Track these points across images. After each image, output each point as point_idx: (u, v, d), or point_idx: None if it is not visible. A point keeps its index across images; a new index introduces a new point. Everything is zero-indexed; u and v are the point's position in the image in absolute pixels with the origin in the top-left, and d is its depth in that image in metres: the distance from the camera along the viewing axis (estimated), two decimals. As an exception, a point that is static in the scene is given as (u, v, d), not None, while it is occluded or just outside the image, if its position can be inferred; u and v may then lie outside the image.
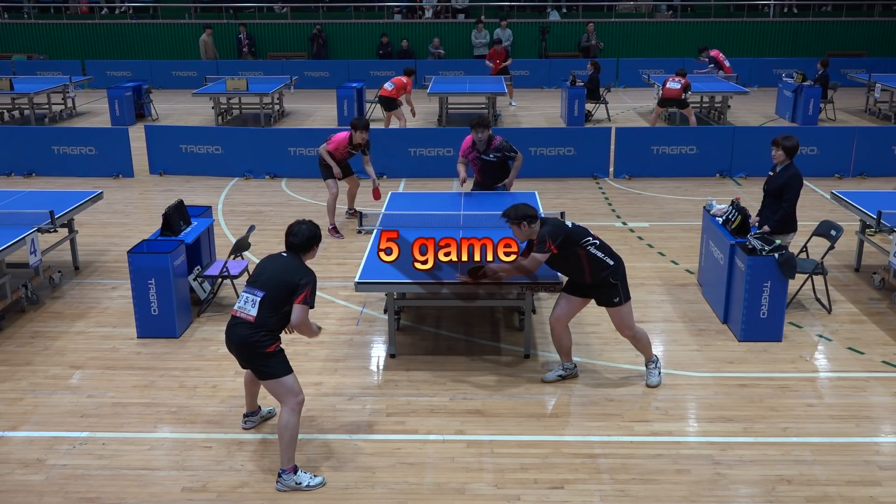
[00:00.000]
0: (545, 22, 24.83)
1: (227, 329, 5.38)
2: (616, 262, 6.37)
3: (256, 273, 5.40)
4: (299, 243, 5.41)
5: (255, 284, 5.31)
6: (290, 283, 5.23)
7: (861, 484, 5.37)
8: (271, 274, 5.31)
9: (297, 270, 5.31)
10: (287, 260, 5.39)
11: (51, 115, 18.11)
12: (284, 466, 5.30)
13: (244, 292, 5.33)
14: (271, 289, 5.24)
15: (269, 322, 5.23)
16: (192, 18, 25.75)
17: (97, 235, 10.43)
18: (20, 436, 5.96)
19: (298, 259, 5.42)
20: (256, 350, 5.24)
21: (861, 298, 8.35)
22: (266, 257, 5.55)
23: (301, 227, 5.45)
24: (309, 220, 5.53)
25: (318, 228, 5.56)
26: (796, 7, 25.76)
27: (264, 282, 5.28)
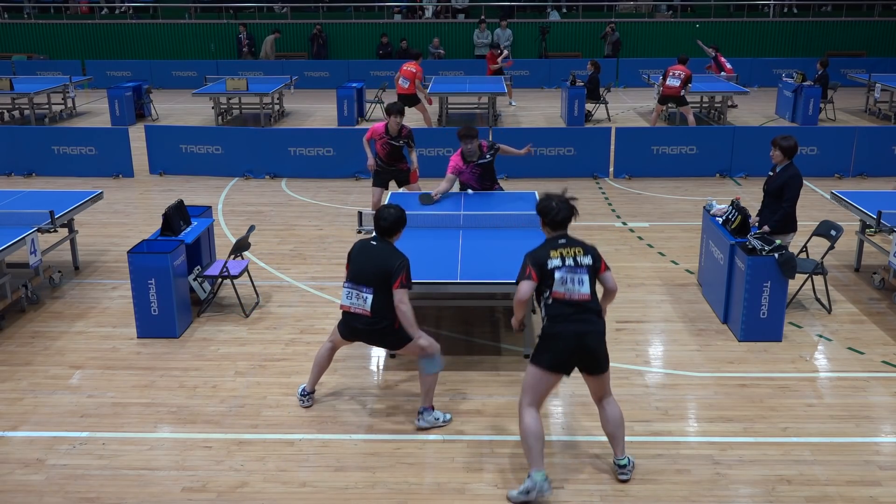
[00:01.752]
0: (545, 22, 24.83)
1: (345, 323, 5.93)
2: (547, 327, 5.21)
3: (355, 269, 5.79)
4: (388, 227, 5.79)
5: (358, 281, 5.74)
6: (388, 270, 5.65)
7: (861, 484, 5.37)
8: (371, 267, 5.71)
9: (391, 256, 5.72)
10: (379, 247, 5.79)
11: (51, 115, 18.11)
12: (425, 405, 5.99)
13: (349, 288, 5.80)
14: (376, 282, 5.68)
15: (384, 308, 5.71)
16: (192, 18, 25.75)
17: (97, 235, 10.43)
18: (20, 436, 5.96)
19: (388, 244, 5.81)
20: (385, 333, 5.82)
21: (861, 298, 8.35)
22: (357, 249, 5.88)
23: (389, 212, 5.81)
24: (395, 205, 5.92)
25: (404, 212, 5.92)
26: (796, 7, 25.76)
27: (367, 277, 5.71)
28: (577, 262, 5.21)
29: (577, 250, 5.25)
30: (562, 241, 5.28)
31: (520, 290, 5.18)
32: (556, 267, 5.17)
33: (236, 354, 7.20)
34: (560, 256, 5.20)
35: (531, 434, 5.13)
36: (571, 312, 5.14)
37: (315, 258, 9.57)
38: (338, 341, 6.20)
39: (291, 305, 8.23)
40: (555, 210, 5.30)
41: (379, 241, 5.83)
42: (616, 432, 5.39)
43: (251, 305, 8.16)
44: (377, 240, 5.84)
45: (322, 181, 12.99)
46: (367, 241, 5.88)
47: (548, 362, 5.17)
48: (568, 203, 5.34)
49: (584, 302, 5.18)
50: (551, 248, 5.25)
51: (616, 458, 5.43)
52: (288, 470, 5.54)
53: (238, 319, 7.88)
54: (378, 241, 5.83)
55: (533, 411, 5.20)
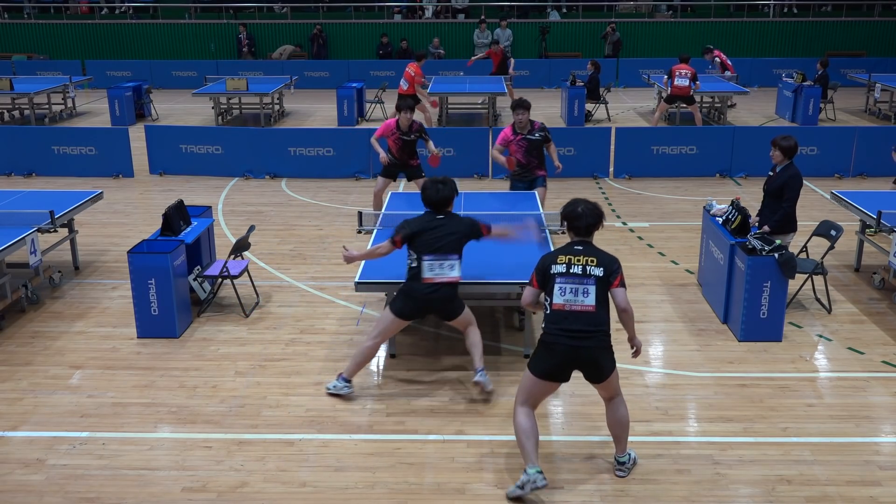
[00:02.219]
0: (545, 22, 24.84)
1: (427, 295, 6.13)
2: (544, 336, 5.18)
3: (432, 240, 6.08)
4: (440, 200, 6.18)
5: (441, 251, 6.08)
6: (470, 233, 6.21)
7: (861, 484, 5.37)
8: (452, 235, 6.11)
9: (464, 221, 6.24)
10: (448, 219, 6.18)
11: (51, 115, 18.11)
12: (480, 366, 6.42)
13: (431, 259, 6.07)
14: (460, 248, 6.16)
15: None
16: (192, 18, 25.75)
17: (97, 235, 10.43)
18: (20, 436, 5.96)
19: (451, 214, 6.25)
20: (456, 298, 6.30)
21: (861, 298, 8.35)
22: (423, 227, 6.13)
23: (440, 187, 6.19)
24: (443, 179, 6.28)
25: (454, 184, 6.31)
26: (796, 7, 25.76)
27: (450, 245, 6.10)
28: (586, 272, 5.06)
29: (590, 260, 5.09)
30: (577, 248, 5.16)
31: (523, 296, 5.47)
32: (558, 273, 5.08)
33: (236, 354, 7.20)
34: (566, 263, 5.09)
35: (523, 432, 5.16)
36: (569, 324, 5.05)
37: (315, 258, 9.57)
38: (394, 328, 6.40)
39: (291, 305, 8.23)
40: (579, 215, 5.17)
41: (444, 215, 6.19)
42: (620, 434, 5.40)
43: (251, 305, 8.16)
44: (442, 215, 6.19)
45: (322, 181, 12.99)
46: (430, 218, 6.17)
47: (541, 371, 5.16)
48: (596, 211, 5.21)
49: (586, 313, 5.06)
50: (562, 252, 5.16)
51: (617, 455, 5.45)
52: (288, 470, 5.54)
53: (238, 319, 7.88)
54: (443, 215, 6.19)
55: (525, 409, 5.22)
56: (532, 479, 5.06)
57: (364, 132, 13.26)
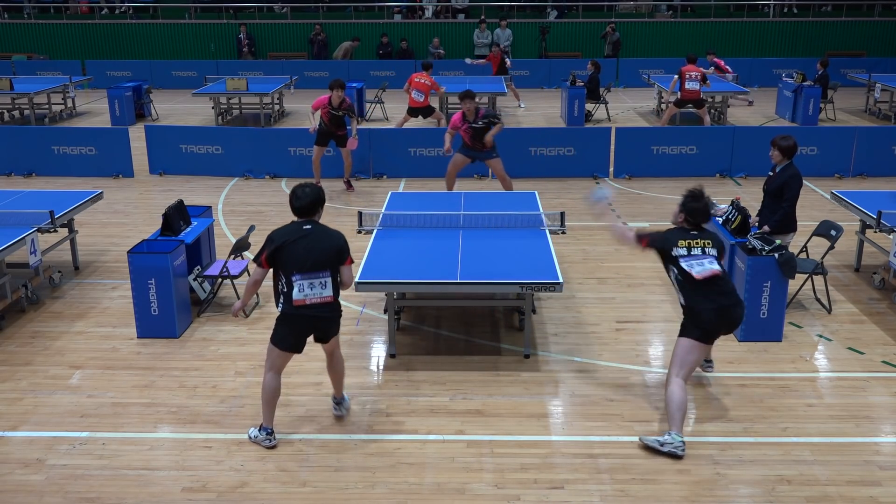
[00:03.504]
0: (545, 22, 24.84)
1: (302, 318, 5.53)
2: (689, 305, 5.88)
3: (299, 257, 5.45)
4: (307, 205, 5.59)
5: (311, 268, 5.45)
6: (339, 249, 5.56)
7: (861, 484, 5.37)
8: (319, 250, 5.49)
9: (334, 234, 5.62)
10: (316, 230, 5.57)
11: (51, 115, 18.10)
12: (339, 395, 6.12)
13: (300, 279, 5.45)
14: (331, 263, 5.52)
15: (338, 291, 5.62)
16: (192, 18, 25.75)
17: (97, 235, 10.43)
18: (20, 436, 5.96)
19: (319, 223, 5.64)
20: (338, 319, 5.72)
21: (861, 298, 8.35)
22: (289, 239, 5.51)
23: (304, 191, 5.64)
24: (309, 182, 5.77)
25: (321, 190, 5.76)
26: (796, 7, 25.75)
27: (319, 261, 5.47)
28: (705, 252, 5.91)
29: (706, 242, 5.95)
30: (693, 233, 5.99)
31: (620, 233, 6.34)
32: (680, 255, 5.87)
33: (236, 354, 7.20)
34: (686, 247, 5.92)
35: (673, 402, 5.73)
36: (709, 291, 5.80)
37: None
38: (283, 362, 5.71)
39: (291, 305, 8.22)
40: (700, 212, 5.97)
41: (312, 224, 5.59)
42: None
43: (251, 305, 8.15)
44: (310, 224, 5.59)
45: (322, 181, 12.97)
46: (297, 226, 5.58)
47: (698, 335, 5.85)
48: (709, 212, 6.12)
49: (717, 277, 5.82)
50: (681, 238, 5.96)
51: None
52: (288, 470, 5.54)
53: (238, 319, 7.88)
54: (311, 224, 5.59)
55: (680, 381, 5.80)
56: (675, 444, 5.65)
57: (364, 132, 13.25)
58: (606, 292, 8.51)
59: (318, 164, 12.28)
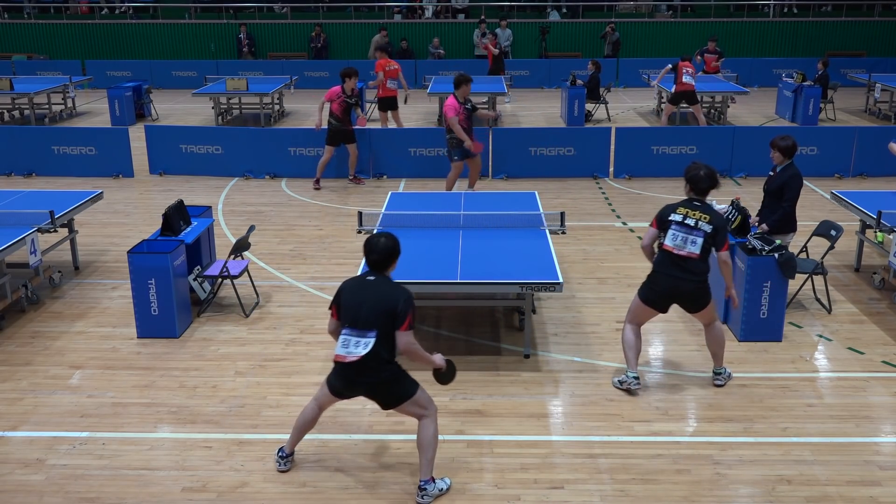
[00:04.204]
0: (545, 22, 24.84)
1: (339, 375, 5.11)
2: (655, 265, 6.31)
3: (351, 312, 4.99)
4: (379, 261, 5.05)
5: (357, 326, 4.96)
6: (391, 311, 4.91)
7: (861, 484, 5.37)
8: (371, 309, 4.94)
9: (393, 294, 4.96)
10: (376, 284, 5.02)
11: (51, 115, 18.11)
12: (426, 477, 5.17)
13: (346, 335, 4.99)
14: (378, 324, 4.93)
15: (387, 353, 5.01)
16: (192, 18, 25.75)
17: (97, 235, 10.43)
18: (20, 436, 5.97)
19: (386, 279, 5.08)
20: (391, 384, 5.11)
21: (861, 298, 8.35)
22: (350, 289, 5.09)
23: (380, 242, 5.05)
24: (387, 234, 5.13)
25: (397, 241, 5.13)
26: (796, 7, 25.76)
27: (367, 320, 4.93)
28: (697, 226, 6.04)
29: (705, 217, 6.06)
30: (696, 203, 6.14)
31: (644, 239, 6.31)
32: (674, 221, 6.07)
33: (236, 354, 7.20)
34: (684, 214, 6.09)
35: (626, 343, 6.41)
36: (671, 264, 6.11)
37: (315, 258, 9.57)
38: (325, 401, 5.36)
39: (291, 305, 8.23)
40: (701, 178, 6.11)
41: (376, 277, 5.07)
42: (717, 350, 6.52)
43: (251, 305, 8.16)
44: (374, 276, 5.08)
45: (322, 181, 12.98)
46: (362, 277, 5.12)
47: (643, 296, 6.31)
48: (714, 176, 6.15)
49: (689, 258, 6.06)
50: (682, 205, 6.15)
51: (714, 368, 6.62)
52: (288, 470, 5.54)
53: (238, 319, 7.88)
54: (375, 277, 5.07)
55: (632, 326, 6.41)
56: (629, 382, 6.38)
57: (364, 132, 13.26)
58: (606, 292, 8.51)
59: (324, 166, 12.54)
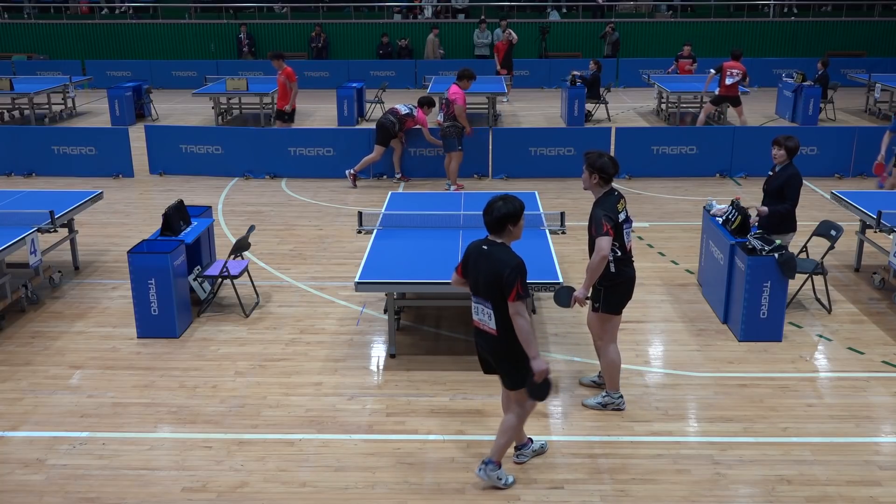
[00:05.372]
0: (545, 22, 24.83)
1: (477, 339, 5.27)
2: (617, 273, 5.89)
3: (472, 277, 5.08)
4: (490, 222, 4.96)
5: (479, 294, 5.06)
6: (498, 281, 4.87)
7: (861, 484, 5.37)
8: (484, 277, 4.96)
9: (500, 263, 4.88)
10: (488, 252, 4.98)
11: (51, 115, 18.11)
12: (494, 458, 5.31)
13: (475, 302, 5.13)
14: (492, 294, 4.94)
15: (511, 325, 4.96)
16: (192, 18, 25.75)
17: (97, 235, 10.43)
18: (20, 436, 5.96)
19: (499, 246, 4.98)
20: (512, 360, 5.09)
21: (861, 298, 8.35)
22: (472, 251, 5.12)
23: (497, 204, 4.95)
24: (506, 196, 5.00)
25: (518, 203, 4.97)
26: (796, 7, 25.76)
27: (484, 288, 4.98)
28: (628, 216, 5.97)
29: (625, 202, 5.97)
30: (616, 193, 5.94)
31: (603, 247, 5.69)
32: (623, 221, 5.85)
33: (236, 354, 7.20)
34: (624, 210, 5.93)
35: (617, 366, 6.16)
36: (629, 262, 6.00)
37: (315, 258, 9.57)
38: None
39: (291, 305, 8.23)
40: (610, 164, 5.90)
41: (489, 245, 5.01)
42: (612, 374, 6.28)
43: (251, 305, 8.15)
44: (488, 244, 5.03)
45: (322, 181, 12.99)
46: (479, 243, 5.08)
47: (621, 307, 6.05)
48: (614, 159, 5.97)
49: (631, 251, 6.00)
50: (616, 201, 5.87)
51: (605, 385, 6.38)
52: (288, 470, 5.54)
53: (238, 319, 7.88)
54: (488, 245, 5.02)
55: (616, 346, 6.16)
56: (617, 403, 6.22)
57: (364, 132, 13.26)
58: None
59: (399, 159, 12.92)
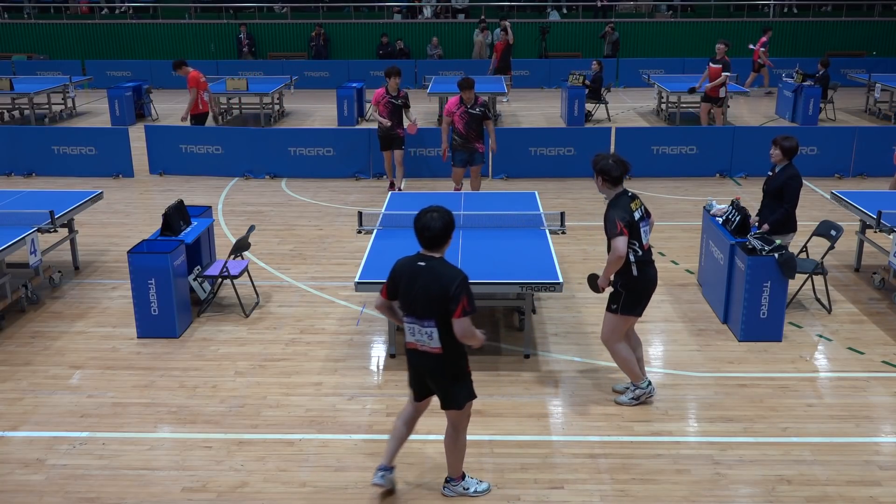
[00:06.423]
0: (545, 22, 24.83)
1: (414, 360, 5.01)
2: (640, 277, 5.92)
3: (406, 298, 4.79)
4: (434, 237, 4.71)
5: (416, 314, 4.76)
6: (443, 299, 4.63)
7: (861, 484, 5.37)
8: (423, 296, 4.69)
9: (443, 279, 4.66)
10: (427, 270, 4.71)
11: (51, 115, 18.11)
12: (453, 475, 5.24)
13: (409, 323, 4.84)
14: (435, 313, 4.70)
15: (456, 343, 4.80)
16: (192, 18, 25.75)
17: (97, 235, 10.43)
18: (20, 436, 5.96)
19: (438, 261, 4.75)
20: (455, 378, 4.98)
21: (861, 298, 8.35)
22: (403, 272, 4.82)
23: (434, 217, 4.69)
24: (437, 207, 4.77)
25: (451, 214, 4.78)
26: (796, 7, 25.76)
27: (424, 309, 4.71)
28: (644, 212, 5.98)
29: (640, 202, 5.97)
30: (630, 194, 5.90)
31: (619, 248, 5.70)
32: (640, 219, 5.85)
33: (236, 354, 7.20)
34: (639, 209, 5.91)
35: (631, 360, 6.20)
36: (651, 260, 6.00)
37: (315, 258, 9.57)
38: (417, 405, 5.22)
39: (291, 305, 8.23)
40: (613, 166, 5.80)
41: (426, 261, 4.75)
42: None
43: (251, 305, 8.15)
44: (424, 260, 4.76)
45: (322, 181, 12.99)
46: (413, 260, 4.81)
47: (641, 309, 6.06)
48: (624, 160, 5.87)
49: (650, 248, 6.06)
50: (630, 200, 5.86)
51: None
52: (288, 470, 5.54)
53: (238, 319, 7.88)
54: (425, 261, 4.76)
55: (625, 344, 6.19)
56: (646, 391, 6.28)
57: (364, 132, 13.26)
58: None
59: (390, 165, 12.00)
